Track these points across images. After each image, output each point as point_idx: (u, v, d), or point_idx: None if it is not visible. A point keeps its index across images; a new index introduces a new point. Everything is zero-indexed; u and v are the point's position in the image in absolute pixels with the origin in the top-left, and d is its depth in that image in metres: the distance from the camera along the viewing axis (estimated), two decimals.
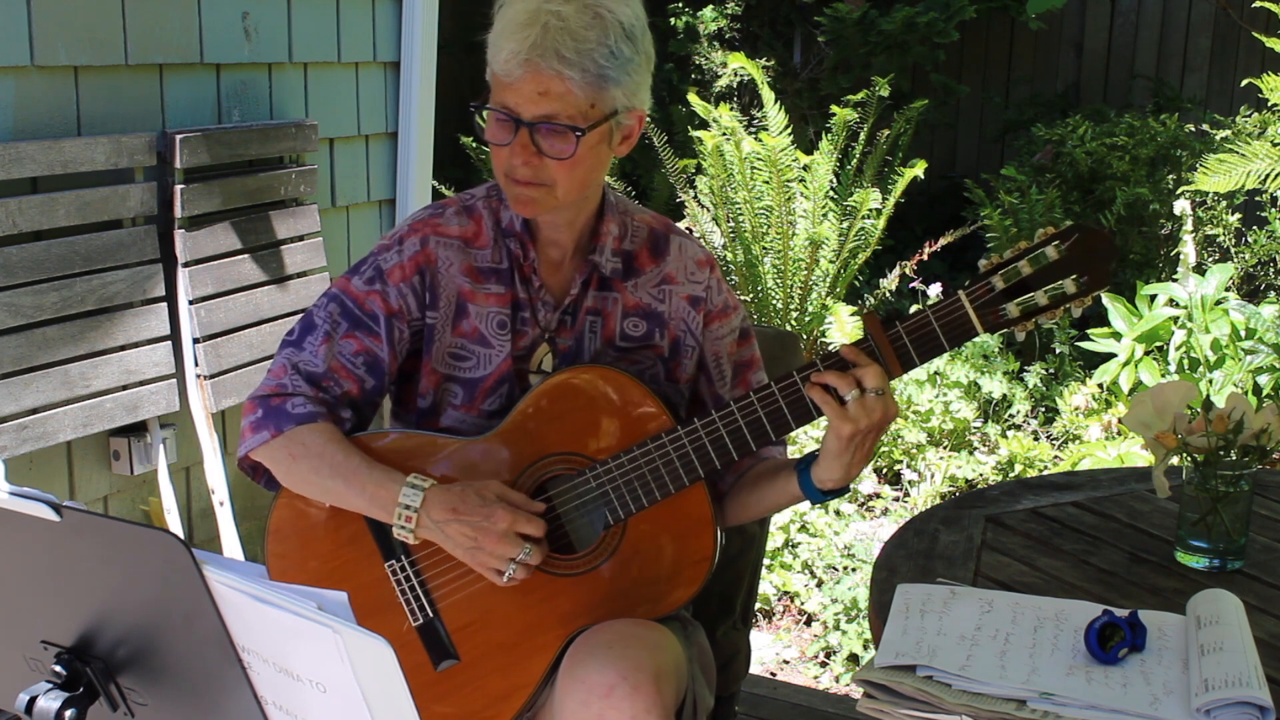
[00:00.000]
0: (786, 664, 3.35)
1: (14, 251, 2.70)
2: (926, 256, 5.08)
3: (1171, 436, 1.75)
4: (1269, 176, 4.42)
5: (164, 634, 1.13)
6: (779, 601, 3.57)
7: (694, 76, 6.31)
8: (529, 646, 1.73)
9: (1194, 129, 5.69)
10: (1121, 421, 3.46)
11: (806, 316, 4.98)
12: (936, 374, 4.51)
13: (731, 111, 5.07)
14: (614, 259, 1.81)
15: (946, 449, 4.35)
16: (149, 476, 3.12)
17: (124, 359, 2.94)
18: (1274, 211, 5.22)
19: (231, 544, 3.15)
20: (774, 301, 4.99)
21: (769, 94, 5.10)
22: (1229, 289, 4.92)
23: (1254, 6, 5.29)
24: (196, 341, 3.08)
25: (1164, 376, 4.37)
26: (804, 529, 3.76)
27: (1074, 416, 4.41)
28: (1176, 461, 1.78)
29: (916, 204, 5.82)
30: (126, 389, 2.96)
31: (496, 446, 1.75)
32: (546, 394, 1.74)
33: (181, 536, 1.09)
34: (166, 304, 3.05)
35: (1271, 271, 5.39)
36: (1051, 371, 4.75)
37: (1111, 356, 4.53)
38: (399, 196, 3.93)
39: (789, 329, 4.89)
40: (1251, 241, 5.34)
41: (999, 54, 6.98)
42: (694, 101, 5.25)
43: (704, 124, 5.23)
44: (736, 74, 6.07)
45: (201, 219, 3.12)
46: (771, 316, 5.01)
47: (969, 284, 1.63)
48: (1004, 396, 4.59)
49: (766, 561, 3.56)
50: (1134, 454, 3.88)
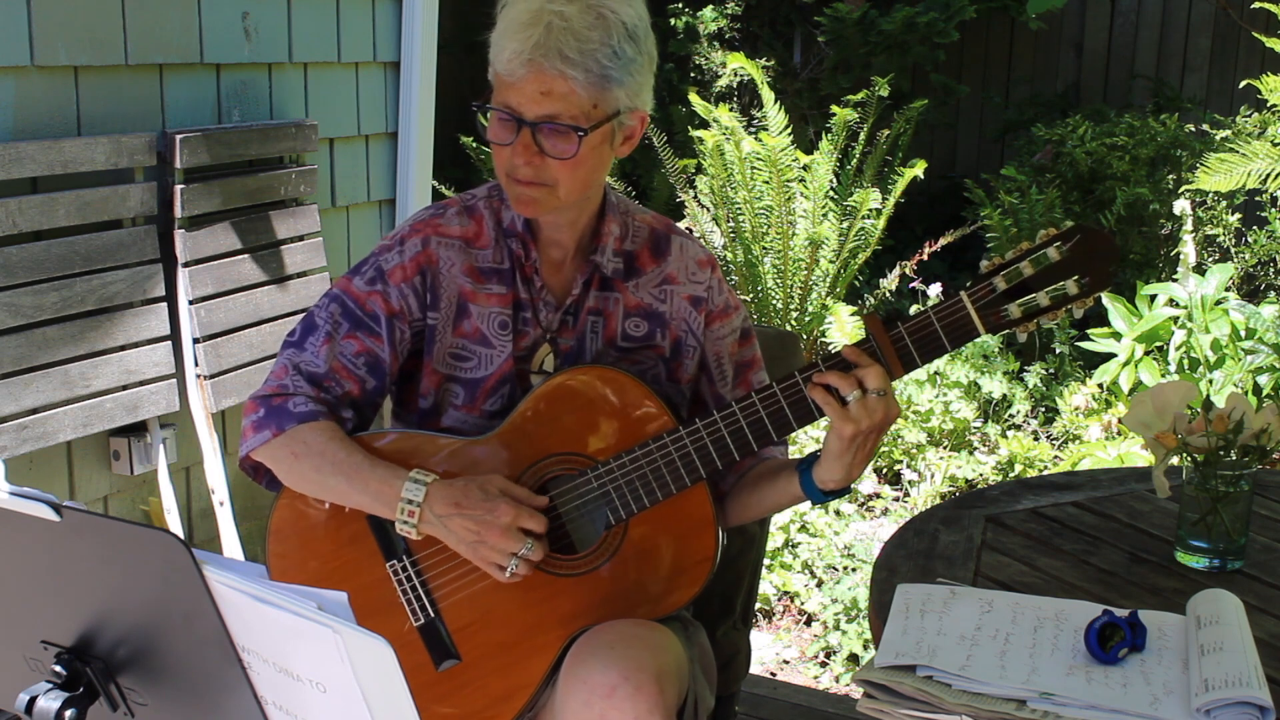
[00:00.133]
0: (786, 664, 3.35)
1: (14, 251, 2.70)
2: (926, 256, 5.08)
3: (1171, 436, 1.75)
4: (1269, 176, 4.42)
5: (164, 634, 1.13)
6: (779, 601, 3.57)
7: (694, 76, 6.31)
8: (530, 646, 1.73)
9: (1194, 129, 5.69)
10: (1121, 421, 3.46)
11: (806, 316, 4.98)
12: (936, 374, 4.51)
13: (731, 111, 5.07)
14: (615, 259, 1.81)
15: (946, 449, 4.35)
16: (149, 476, 3.12)
17: (124, 359, 2.94)
18: (1274, 211, 5.22)
19: (231, 544, 3.15)
20: (774, 301, 4.99)
21: (769, 94, 5.10)
22: (1229, 289, 4.92)
23: (1254, 7, 5.29)
24: (196, 341, 3.08)
25: (1164, 376, 4.37)
26: (804, 529, 3.76)
27: (1074, 416, 4.41)
28: (1176, 461, 1.78)
29: (916, 204, 5.82)
30: (126, 389, 2.96)
31: (497, 447, 1.75)
32: (548, 394, 1.74)
33: (181, 536, 1.09)
34: (166, 304, 3.05)
35: (1271, 271, 5.39)
36: (1051, 371, 4.75)
37: (1111, 356, 4.53)
38: (399, 196, 3.93)
39: (789, 329, 4.89)
40: (1251, 241, 5.34)
41: (999, 54, 6.98)
42: (694, 101, 5.25)
43: (704, 124, 5.23)
44: (736, 74, 6.07)
45: (201, 219, 3.12)
46: (771, 316, 5.01)
47: (971, 285, 1.63)
48: (1004, 396, 4.59)
49: (766, 561, 3.56)
50: (1134, 454, 3.88)
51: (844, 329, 4.66)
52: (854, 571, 3.60)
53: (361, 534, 1.76)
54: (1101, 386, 4.47)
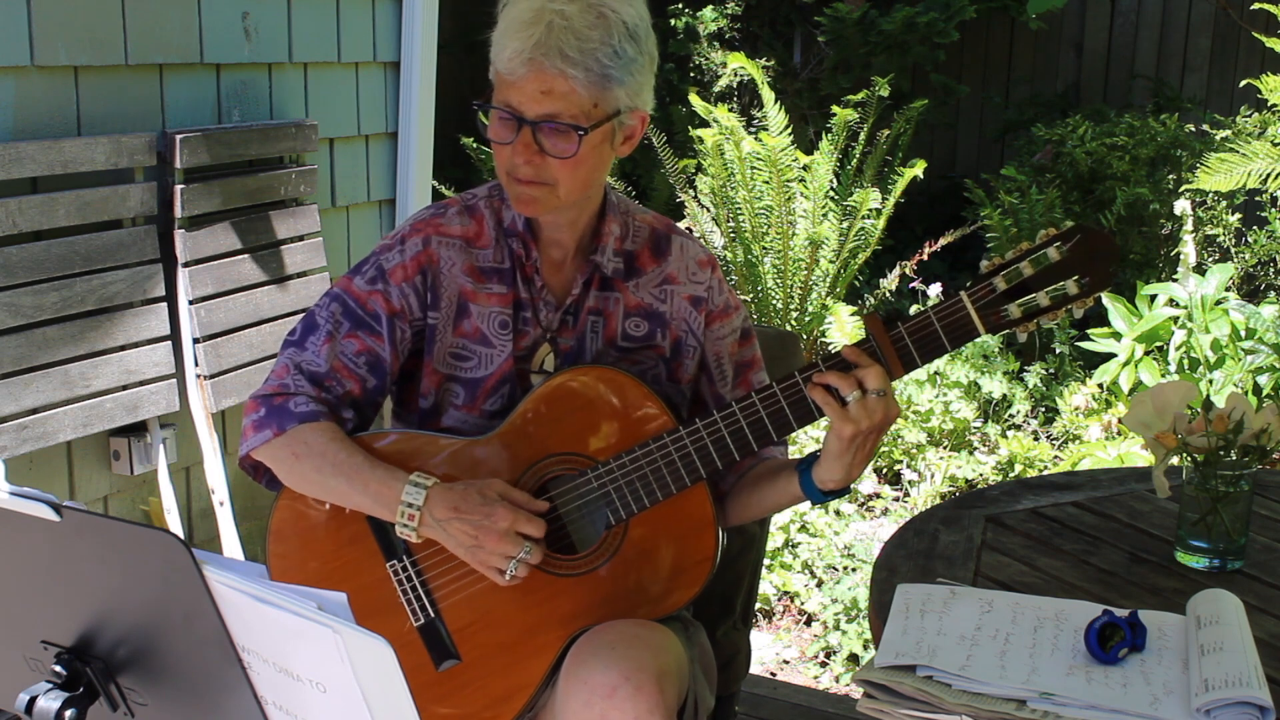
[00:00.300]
0: (786, 664, 3.35)
1: (14, 251, 2.70)
2: (926, 256, 5.08)
3: (1171, 436, 1.75)
4: (1269, 176, 4.42)
5: (164, 634, 1.13)
6: (779, 601, 3.57)
7: (694, 76, 6.31)
8: (530, 647, 1.73)
9: (1194, 129, 5.69)
10: (1121, 421, 3.46)
11: (806, 316, 4.98)
12: (936, 374, 4.51)
13: (731, 111, 5.07)
14: (615, 259, 1.81)
15: (946, 449, 4.35)
16: (149, 476, 3.12)
17: (124, 359, 2.94)
18: (1274, 211, 5.22)
19: (231, 544, 3.15)
20: (774, 301, 4.99)
21: (769, 94, 5.10)
22: (1229, 289, 4.92)
23: (1254, 7, 5.29)
24: (196, 341, 3.08)
25: (1164, 376, 4.37)
26: (804, 529, 3.76)
27: (1074, 416, 4.41)
28: (1176, 461, 1.78)
29: (916, 204, 5.82)
30: (126, 389, 2.96)
31: (498, 447, 1.75)
32: (548, 394, 1.74)
33: (181, 536, 1.09)
34: (166, 304, 3.05)
35: (1271, 271, 5.39)
36: (1051, 371, 4.75)
37: (1111, 356, 4.53)
38: (399, 196, 3.93)
39: (789, 329, 4.89)
40: (1251, 241, 5.34)
41: (999, 54, 6.98)
42: (694, 101, 5.25)
43: (704, 124, 5.23)
44: (736, 74, 6.07)
45: (201, 219, 3.12)
46: (771, 316, 5.00)
47: (971, 285, 1.63)
48: (1004, 396, 4.59)
49: (766, 561, 3.56)
50: (1134, 454, 3.88)
51: (844, 329, 4.66)
52: (854, 571, 3.60)
53: (361, 534, 1.76)
54: (1101, 386, 4.47)
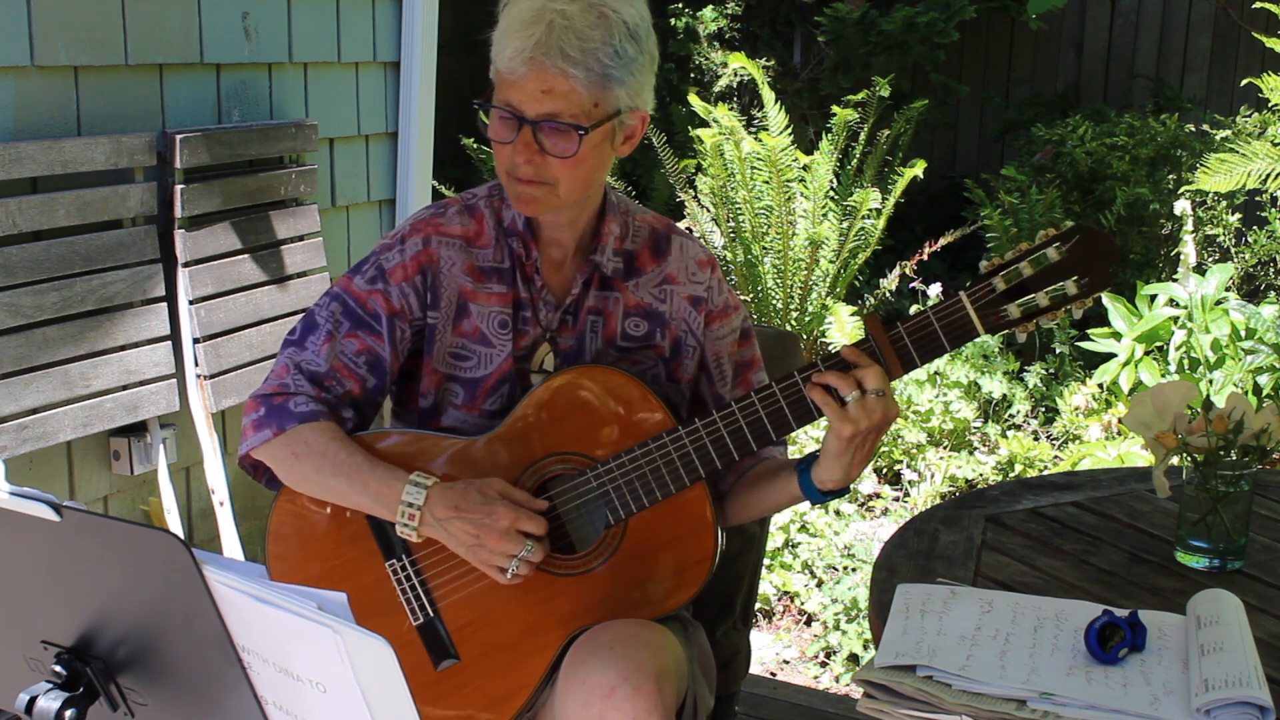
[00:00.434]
0: (786, 664, 3.35)
1: (14, 251, 2.70)
2: (926, 256, 5.08)
3: (1171, 436, 1.75)
4: (1269, 176, 4.42)
5: (164, 634, 1.13)
6: (779, 601, 3.57)
7: (694, 76, 6.31)
8: (529, 646, 1.73)
9: (1194, 129, 5.68)
10: (1121, 421, 3.46)
11: (806, 316, 4.98)
12: (936, 374, 4.51)
13: (731, 111, 5.07)
14: (615, 259, 1.81)
15: (946, 449, 4.35)
16: (149, 476, 3.12)
17: (124, 359, 2.94)
18: (1274, 211, 5.22)
19: (231, 544, 3.15)
20: (774, 301, 4.99)
21: (769, 94, 5.10)
22: (1229, 289, 4.92)
23: (1254, 7, 5.29)
24: (196, 341, 3.08)
25: (1164, 376, 4.37)
26: (804, 529, 3.76)
27: (1074, 416, 4.41)
28: (1176, 461, 1.78)
29: (916, 204, 5.82)
30: (126, 389, 2.96)
31: (497, 446, 1.75)
32: (548, 394, 1.74)
33: (181, 536, 1.09)
34: (166, 304, 3.05)
35: (1271, 271, 5.39)
36: (1051, 371, 4.75)
37: (1111, 356, 4.53)
38: (399, 196, 3.93)
39: (789, 329, 4.89)
40: (1251, 241, 5.34)
41: (999, 54, 6.98)
42: (694, 101, 5.25)
43: (704, 124, 5.23)
44: (736, 74, 6.07)
45: (201, 219, 3.12)
46: (771, 316, 5.00)
47: (970, 285, 1.63)
48: (1004, 396, 4.59)
49: (766, 561, 3.56)
50: (1134, 454, 3.87)
51: (844, 329, 4.65)
52: (854, 571, 3.60)
53: (361, 534, 1.76)
54: (1101, 386, 4.47)
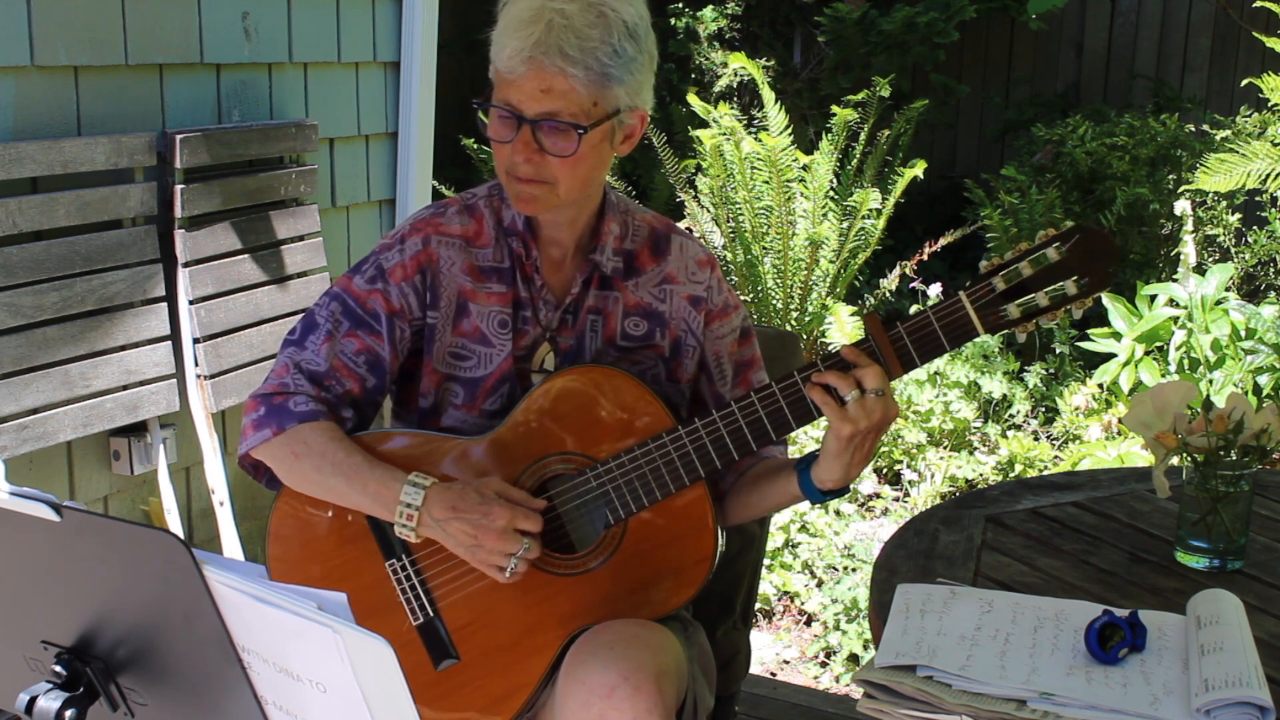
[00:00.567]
0: (786, 664, 3.35)
1: (14, 251, 2.70)
2: (926, 256, 5.08)
3: (1171, 436, 1.75)
4: (1269, 176, 4.42)
5: (164, 634, 1.13)
6: (779, 601, 3.57)
7: (694, 76, 6.31)
8: (529, 646, 1.73)
9: (1194, 129, 5.68)
10: (1121, 421, 3.46)
11: (806, 316, 4.98)
12: (936, 374, 4.51)
13: (731, 111, 5.07)
14: (615, 258, 1.81)
15: (946, 449, 4.35)
16: (149, 476, 3.12)
17: (124, 359, 2.94)
18: (1274, 211, 5.22)
19: (231, 544, 3.15)
20: (774, 301, 4.99)
21: (769, 94, 5.10)
22: (1229, 289, 4.92)
23: (1254, 6, 5.29)
24: (196, 341, 3.08)
25: (1164, 376, 4.37)
26: (804, 529, 3.76)
27: (1074, 416, 4.41)
28: (1176, 461, 1.78)
29: (916, 204, 5.82)
30: (126, 389, 2.96)
31: (498, 446, 1.75)
32: (548, 394, 1.74)
33: (181, 536, 1.09)
34: (166, 304, 3.05)
35: (1271, 271, 5.39)
36: (1051, 371, 4.75)
37: (1111, 356, 4.53)
38: (399, 196, 3.93)
39: (789, 329, 4.89)
40: (1251, 241, 5.34)
41: (999, 54, 6.98)
42: (694, 101, 5.25)
43: (704, 124, 5.23)
44: (736, 74, 6.07)
45: (201, 219, 3.12)
46: (771, 316, 5.00)
47: (970, 285, 1.63)
48: (1004, 396, 4.59)
49: (766, 561, 3.56)
50: (1134, 454, 3.87)
51: (844, 329, 4.65)
52: (854, 571, 3.60)
53: (360, 534, 1.76)
54: (1101, 386, 4.47)
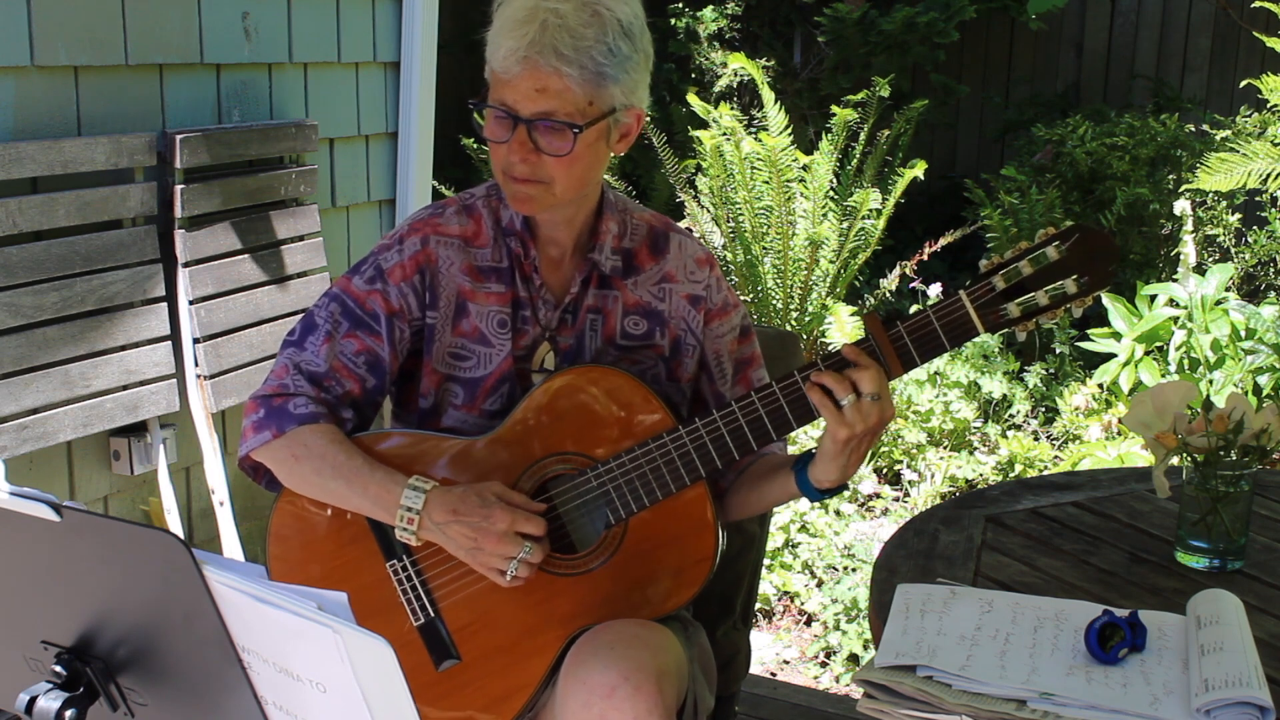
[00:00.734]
0: (786, 664, 3.35)
1: (14, 251, 2.70)
2: (926, 256, 5.08)
3: (1171, 436, 1.75)
4: (1269, 176, 4.42)
5: (164, 634, 1.13)
6: (779, 601, 3.57)
7: (694, 76, 6.31)
8: (530, 647, 1.73)
9: (1194, 129, 5.68)
10: (1121, 421, 3.46)
11: (806, 316, 4.98)
12: (936, 374, 4.51)
13: (731, 111, 5.07)
14: (613, 257, 1.81)
15: (946, 449, 4.35)
16: (149, 476, 3.12)
17: (124, 359, 2.94)
18: (1274, 211, 5.22)
19: (231, 544, 3.15)
20: (774, 301, 4.99)
21: (769, 94, 5.10)
22: (1229, 289, 4.92)
23: (1254, 6, 5.29)
24: (196, 341, 3.08)
25: (1164, 376, 4.37)
26: (804, 529, 3.76)
27: (1074, 416, 4.41)
28: (1176, 461, 1.78)
29: (916, 204, 5.82)
30: (126, 389, 2.96)
31: (498, 446, 1.75)
32: (548, 393, 1.74)
33: (181, 536, 1.09)
34: (166, 304, 3.05)
35: (1271, 271, 5.39)
36: (1051, 371, 4.75)
37: (1111, 356, 4.53)
38: (399, 196, 3.93)
39: (789, 329, 4.89)
40: (1251, 241, 5.34)
41: (999, 54, 6.98)
42: (694, 101, 5.25)
43: (704, 124, 5.23)
44: (736, 74, 6.07)
45: (201, 219, 3.12)
46: (771, 316, 5.00)
47: (970, 284, 1.63)
48: (1004, 396, 4.58)
49: (766, 561, 3.56)
50: (1134, 454, 3.87)
51: (844, 329, 4.65)
52: (854, 571, 3.60)
53: (361, 534, 1.76)
54: (1101, 386, 4.47)
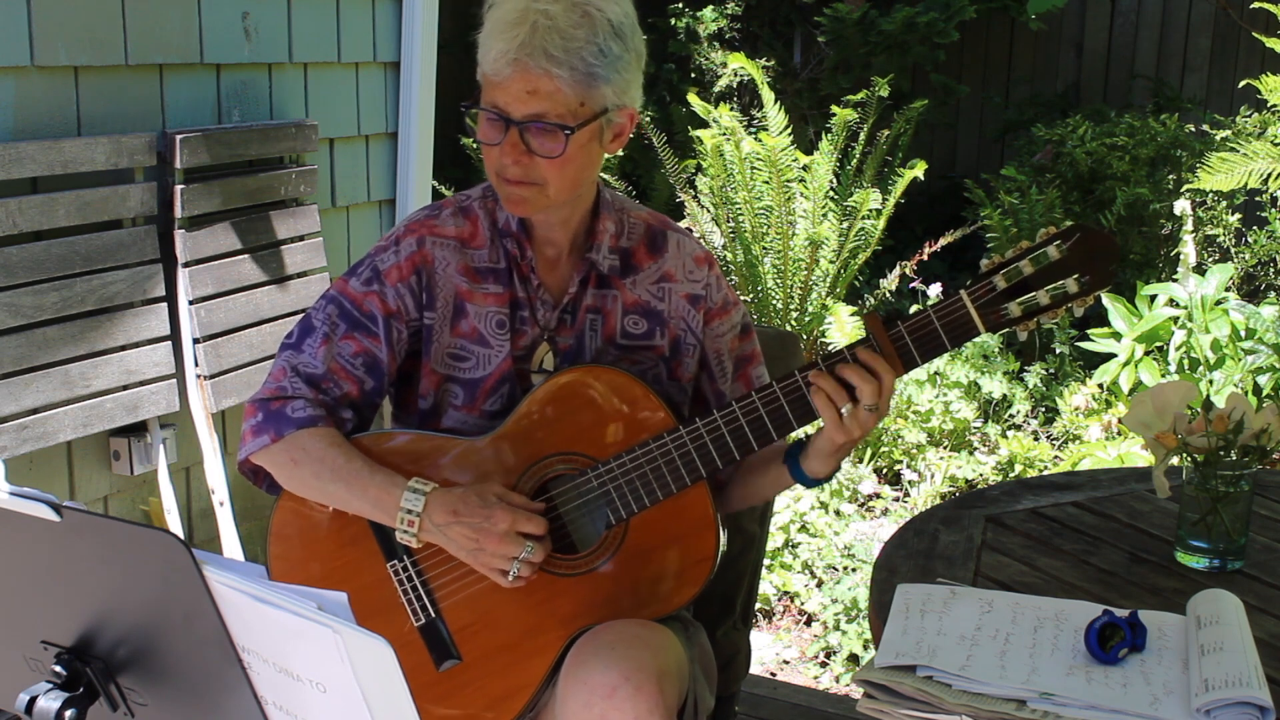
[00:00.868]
0: (786, 664, 3.35)
1: (14, 251, 2.70)
2: (926, 256, 5.08)
3: (1171, 436, 1.75)
4: (1269, 176, 4.42)
5: (164, 634, 1.13)
6: (779, 601, 3.57)
7: (694, 76, 6.31)
8: (531, 647, 1.73)
9: (1194, 129, 5.68)
10: (1121, 421, 3.46)
11: (806, 316, 4.98)
12: (937, 374, 4.51)
13: (731, 111, 5.07)
14: (611, 256, 1.81)
15: (946, 449, 4.35)
16: (149, 476, 3.12)
17: (124, 359, 2.94)
18: (1274, 211, 5.22)
19: (231, 544, 3.15)
20: (774, 301, 4.99)
21: (769, 94, 5.10)
22: (1229, 289, 4.91)
23: (1254, 7, 5.29)
24: (196, 341, 3.08)
25: (1164, 376, 4.37)
26: (804, 529, 3.76)
27: (1074, 416, 4.41)
28: (1176, 461, 1.78)
29: (916, 204, 5.82)
30: (126, 389, 2.96)
31: (498, 447, 1.75)
32: (548, 394, 1.74)
33: (181, 536, 1.09)
34: (166, 304, 3.05)
35: (1271, 271, 5.39)
36: (1051, 371, 4.75)
37: (1111, 356, 4.53)
38: (399, 196, 3.93)
39: (789, 329, 4.89)
40: (1251, 241, 5.34)
41: (999, 54, 6.98)
42: (694, 101, 5.24)
43: (704, 124, 5.23)
44: (736, 74, 6.07)
45: (201, 219, 3.12)
46: (771, 316, 5.00)
47: (970, 283, 1.64)
48: (1004, 396, 4.58)
49: (766, 561, 3.56)
50: (1134, 454, 3.87)
51: (844, 329, 4.65)
52: (854, 571, 3.60)
53: (362, 535, 1.76)
54: (1101, 386, 4.47)
